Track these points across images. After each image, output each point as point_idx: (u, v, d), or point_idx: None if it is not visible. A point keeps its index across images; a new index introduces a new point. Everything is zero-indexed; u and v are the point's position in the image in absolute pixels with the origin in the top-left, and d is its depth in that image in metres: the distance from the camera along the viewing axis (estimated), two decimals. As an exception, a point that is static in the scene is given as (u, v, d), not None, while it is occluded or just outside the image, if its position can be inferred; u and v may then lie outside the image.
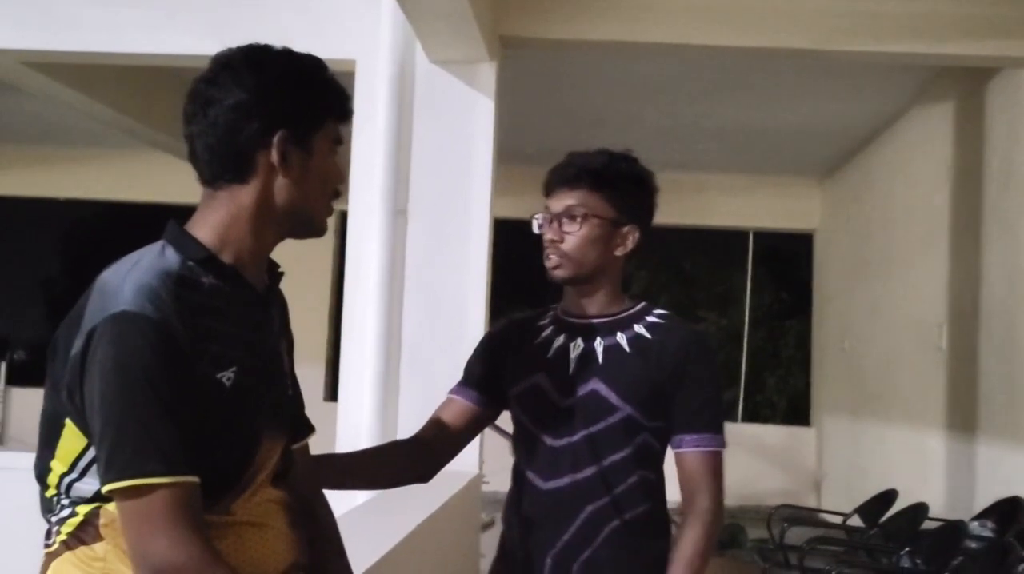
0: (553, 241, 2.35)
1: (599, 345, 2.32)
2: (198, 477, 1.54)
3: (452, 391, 2.50)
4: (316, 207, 1.77)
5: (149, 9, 5.63)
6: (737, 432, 12.35)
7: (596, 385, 2.29)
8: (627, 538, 2.28)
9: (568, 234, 2.33)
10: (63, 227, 19.71)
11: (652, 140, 9.77)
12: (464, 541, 4.64)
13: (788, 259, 13.63)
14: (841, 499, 7.97)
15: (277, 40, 5.35)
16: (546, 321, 2.44)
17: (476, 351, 2.54)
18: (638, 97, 8.35)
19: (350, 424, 5.32)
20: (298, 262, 9.61)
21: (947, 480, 6.85)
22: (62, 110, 8.12)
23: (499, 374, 2.44)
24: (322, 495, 1.99)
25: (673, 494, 2.35)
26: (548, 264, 2.37)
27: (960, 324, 6.73)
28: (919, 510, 5.65)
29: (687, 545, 2.25)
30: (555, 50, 6.14)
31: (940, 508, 6.54)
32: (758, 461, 11.59)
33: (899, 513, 5.90)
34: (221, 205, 1.70)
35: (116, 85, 7.46)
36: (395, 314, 5.35)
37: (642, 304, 2.40)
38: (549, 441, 2.31)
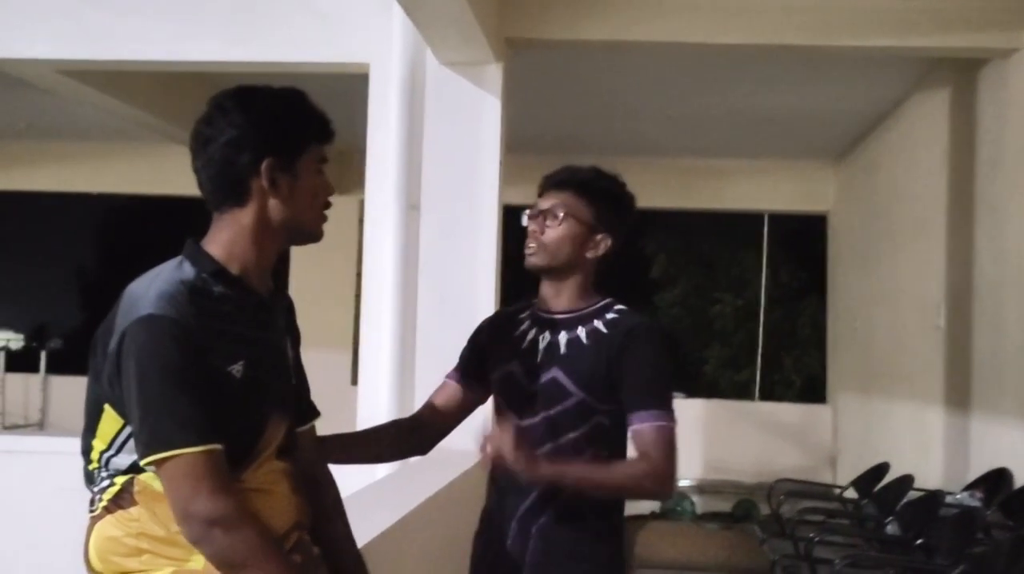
0: (534, 232, 2.67)
1: (562, 337, 2.64)
2: (222, 446, 1.86)
3: (447, 376, 2.84)
4: (308, 220, 2.08)
5: (175, 20, 5.95)
6: (754, 410, 12.62)
7: (556, 373, 2.60)
8: (578, 508, 2.58)
9: (548, 228, 2.65)
10: (95, 220, 20.19)
11: (666, 128, 10.00)
12: (474, 516, 4.94)
13: (804, 240, 13.84)
14: (855, 474, 8.21)
15: (295, 47, 5.72)
16: (525, 314, 2.76)
17: (468, 341, 2.87)
18: (649, 87, 8.56)
19: (369, 406, 5.63)
20: (325, 253, 9.88)
21: (944, 453, 7.10)
22: (94, 111, 8.49)
23: (485, 362, 2.77)
24: (326, 468, 2.32)
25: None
26: (526, 252, 2.69)
27: (956, 303, 6.97)
28: (905, 481, 5.93)
29: (623, 464, 2.55)
30: (559, 50, 6.42)
31: (938, 480, 6.81)
32: (775, 439, 11.79)
33: (888, 484, 6.19)
34: (226, 226, 2.02)
35: (145, 88, 7.80)
36: (410, 303, 5.66)
37: (606, 301, 2.69)
38: (517, 421, 2.62)
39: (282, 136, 2.01)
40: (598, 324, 2.63)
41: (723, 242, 15.25)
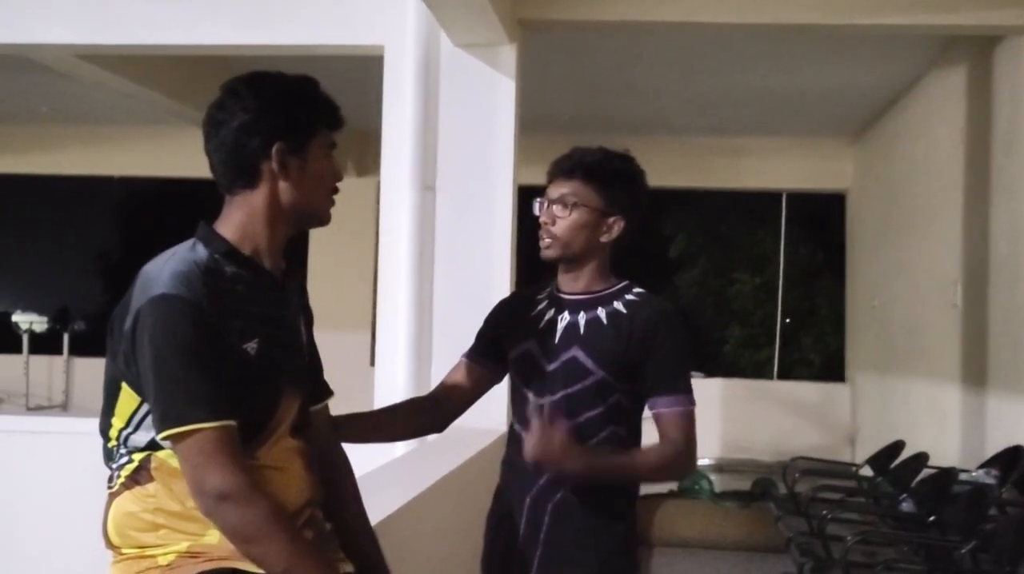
0: (546, 224, 2.69)
1: (582, 318, 2.66)
2: (235, 422, 1.90)
3: (463, 355, 2.87)
4: (317, 203, 2.12)
5: (190, 4, 5.99)
6: (772, 390, 12.62)
7: (576, 352, 2.63)
8: (592, 486, 2.61)
9: (560, 219, 2.67)
10: (117, 203, 20.32)
11: (683, 107, 10.00)
12: (489, 494, 4.98)
13: (823, 219, 13.80)
14: (873, 453, 8.22)
15: (310, 30, 5.76)
16: (542, 295, 2.78)
17: (484, 321, 2.90)
18: (665, 66, 8.55)
19: (386, 387, 5.67)
20: (344, 235, 9.87)
21: (961, 430, 7.12)
22: (113, 95, 8.56)
23: (501, 341, 2.79)
24: (340, 447, 2.36)
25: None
26: (541, 244, 2.72)
27: (972, 282, 6.97)
28: (920, 459, 5.95)
29: (652, 450, 2.58)
30: (573, 31, 6.43)
31: (955, 457, 6.82)
32: (794, 418, 11.80)
33: (903, 462, 6.20)
34: (238, 208, 2.07)
35: (162, 72, 7.86)
36: (426, 284, 5.70)
37: (624, 283, 2.72)
38: (535, 399, 2.65)
39: (292, 121, 2.06)
40: (618, 305, 2.66)
41: (742, 221, 15.22)
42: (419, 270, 5.69)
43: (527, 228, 6.11)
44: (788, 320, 13.88)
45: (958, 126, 7.35)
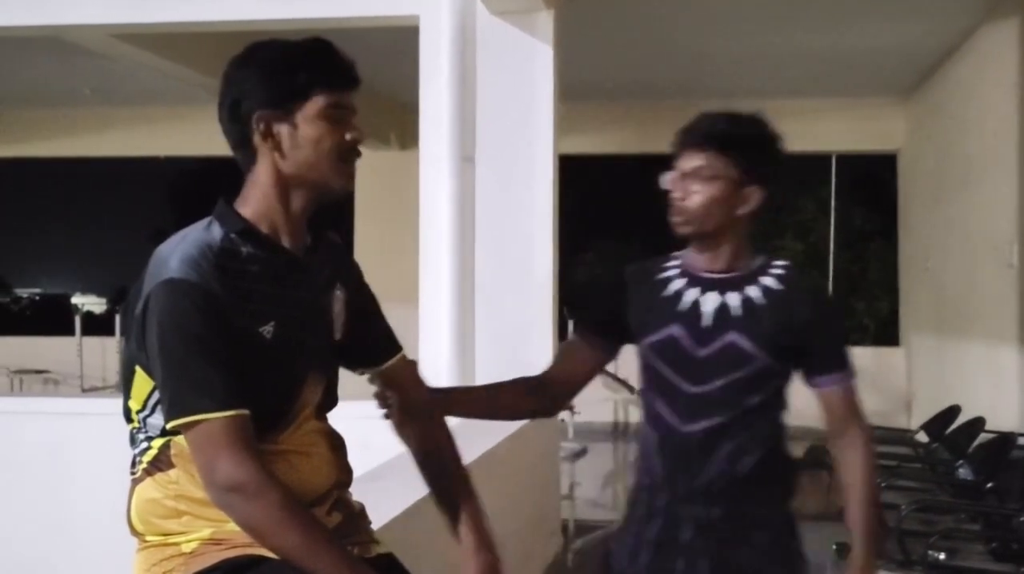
0: (678, 199, 2.48)
1: (732, 299, 2.46)
2: (247, 410, 1.84)
3: (575, 333, 2.71)
4: (320, 171, 1.99)
5: (223, -20, 5.97)
6: (825, 355, 12.40)
7: (733, 337, 2.44)
8: (761, 471, 2.45)
9: (694, 193, 2.45)
10: (169, 183, 20.54)
11: (726, 69, 9.83)
12: (543, 465, 4.92)
13: (875, 180, 13.57)
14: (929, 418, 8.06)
15: (345, 2, 5.66)
16: (673, 273, 2.56)
17: (593, 295, 2.75)
18: (708, 28, 8.42)
19: (430, 360, 5.63)
20: (390, 209, 9.82)
21: (1019, 394, 6.96)
22: (152, 74, 8.56)
23: (623, 321, 2.58)
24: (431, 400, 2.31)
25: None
26: (673, 220, 2.50)
27: (1030, 241, 6.81)
28: (976, 424, 5.80)
29: (856, 469, 2.47)
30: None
31: (1014, 420, 6.67)
32: (848, 383, 11.58)
33: (959, 427, 6.05)
34: (252, 185, 2.00)
35: (198, 50, 7.83)
36: (467, 256, 5.66)
37: (764, 257, 2.52)
38: (687, 388, 2.46)
39: (272, 87, 1.96)
40: (769, 282, 2.48)
41: (789, 185, 14.99)
42: (460, 243, 5.65)
43: (568, 198, 6.05)
44: (840, 284, 13.64)
45: (1012, 80, 7.15)
